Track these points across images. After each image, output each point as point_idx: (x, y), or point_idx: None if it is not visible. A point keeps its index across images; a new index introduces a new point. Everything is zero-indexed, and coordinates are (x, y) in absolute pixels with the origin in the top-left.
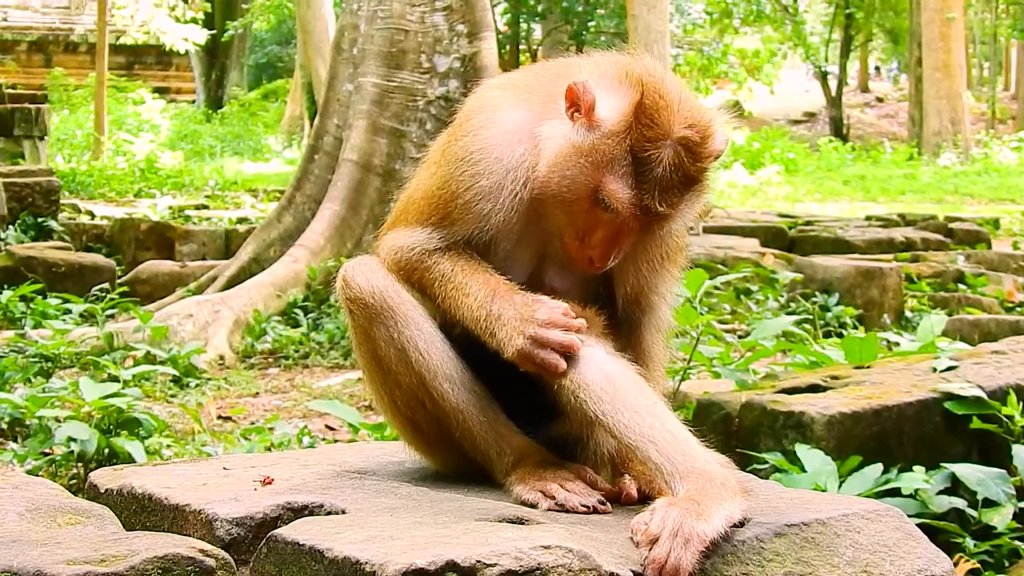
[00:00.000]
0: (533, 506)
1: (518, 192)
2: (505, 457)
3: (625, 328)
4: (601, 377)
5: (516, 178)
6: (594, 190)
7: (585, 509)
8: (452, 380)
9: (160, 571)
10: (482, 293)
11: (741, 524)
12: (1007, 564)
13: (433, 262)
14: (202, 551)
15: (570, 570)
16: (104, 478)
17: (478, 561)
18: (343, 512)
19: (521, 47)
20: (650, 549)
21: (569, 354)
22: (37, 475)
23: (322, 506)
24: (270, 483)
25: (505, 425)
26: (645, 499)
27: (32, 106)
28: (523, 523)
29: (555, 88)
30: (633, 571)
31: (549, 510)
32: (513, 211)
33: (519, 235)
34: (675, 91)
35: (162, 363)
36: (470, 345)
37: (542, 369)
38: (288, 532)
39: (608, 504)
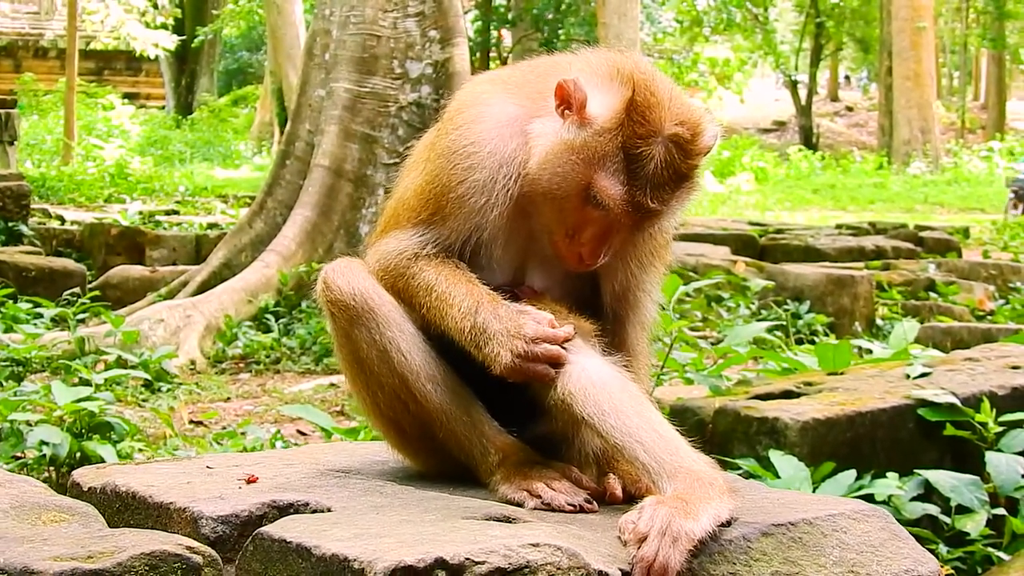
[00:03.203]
0: (519, 505)
1: (509, 187)
2: (490, 456)
3: (610, 325)
4: (588, 379)
5: (508, 173)
6: (586, 187)
7: (572, 508)
8: (435, 380)
9: (147, 568)
10: (466, 304)
11: (728, 523)
12: (980, 570)
13: (418, 269)
14: (189, 548)
15: (559, 568)
16: (87, 476)
17: (467, 559)
18: (329, 510)
19: (491, 54)
20: (638, 548)
21: (557, 363)
22: None
23: (307, 504)
24: (254, 481)
25: (489, 424)
26: (631, 499)
27: (1, 111)
28: (511, 521)
29: (544, 86)
30: (621, 569)
31: (535, 509)
32: (504, 207)
33: (506, 233)
34: (665, 88)
35: (133, 367)
36: (452, 345)
37: (532, 380)
38: (274, 530)
39: (594, 503)
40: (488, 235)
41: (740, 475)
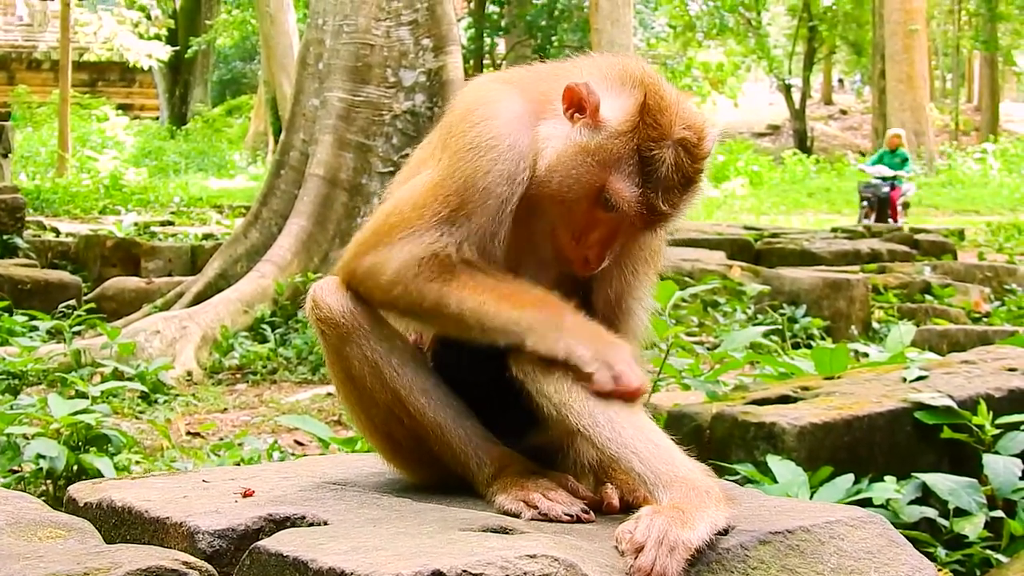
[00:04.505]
0: (516, 516)
1: (523, 183)
2: (485, 468)
3: None
4: (582, 390)
5: (524, 167)
6: (599, 190)
7: (568, 518)
8: (428, 394)
9: None
10: (545, 303)
11: (725, 532)
12: (979, 573)
13: (460, 270)
14: (186, 563)
15: None
16: (83, 492)
17: (464, 571)
18: (325, 523)
19: (485, 62)
20: (635, 558)
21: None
22: None
23: (304, 517)
24: (251, 495)
25: (484, 436)
26: (628, 508)
27: None
28: (507, 532)
29: (548, 89)
30: None
31: (532, 520)
32: (515, 204)
33: (505, 233)
34: (672, 93)
35: (130, 379)
36: (444, 357)
37: (612, 380)
38: (271, 544)
39: (591, 513)
40: (500, 233)
41: (738, 480)
